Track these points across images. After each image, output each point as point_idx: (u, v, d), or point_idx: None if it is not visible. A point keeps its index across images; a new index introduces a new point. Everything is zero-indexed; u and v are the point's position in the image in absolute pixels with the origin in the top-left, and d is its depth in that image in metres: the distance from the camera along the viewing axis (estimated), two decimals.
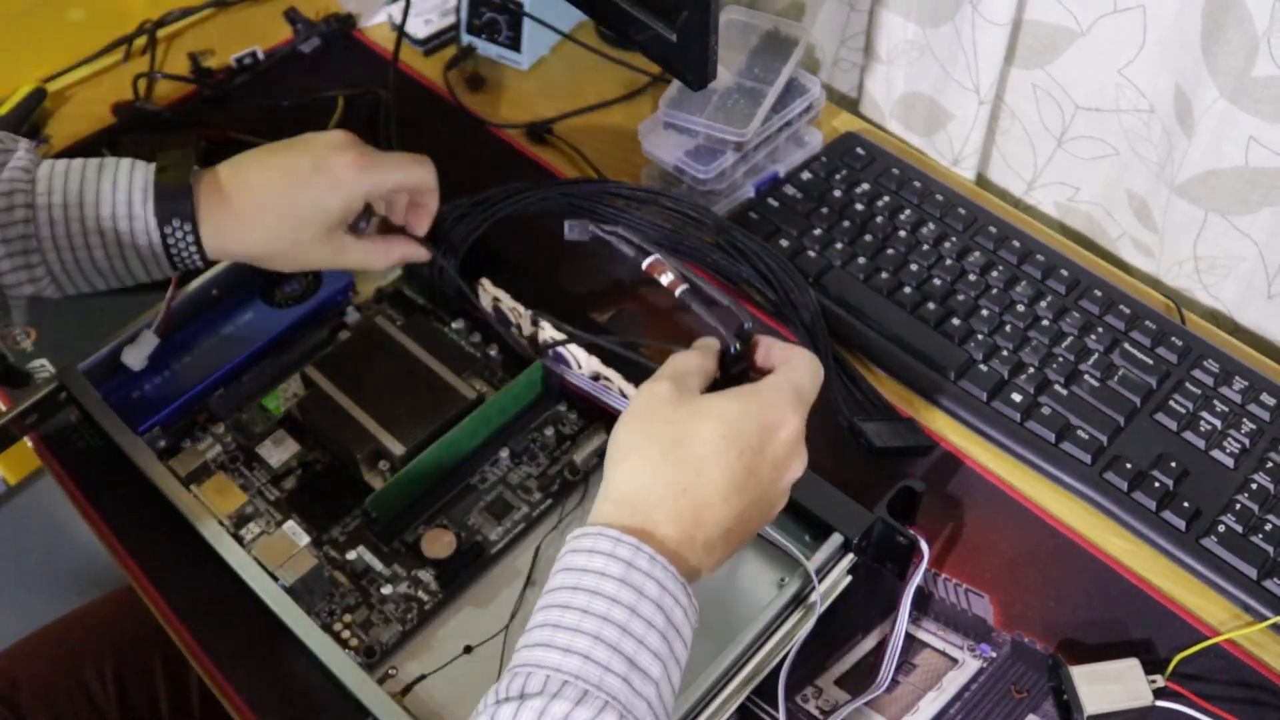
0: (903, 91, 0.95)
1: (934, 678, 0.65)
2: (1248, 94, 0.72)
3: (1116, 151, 0.85)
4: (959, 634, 0.66)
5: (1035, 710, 0.63)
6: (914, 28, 0.90)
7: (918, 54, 0.91)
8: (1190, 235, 0.82)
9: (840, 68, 1.04)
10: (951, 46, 0.87)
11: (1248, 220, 0.78)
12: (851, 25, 0.98)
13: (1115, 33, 0.80)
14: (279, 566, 0.66)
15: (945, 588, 0.68)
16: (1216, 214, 0.79)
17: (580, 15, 1.01)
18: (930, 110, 0.93)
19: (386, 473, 0.70)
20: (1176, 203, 0.81)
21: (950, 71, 0.89)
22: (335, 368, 0.74)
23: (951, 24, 0.86)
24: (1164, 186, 0.82)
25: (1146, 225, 0.86)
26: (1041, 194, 0.94)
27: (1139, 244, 0.88)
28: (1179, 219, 0.82)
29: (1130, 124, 0.83)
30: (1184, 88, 0.77)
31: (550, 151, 0.94)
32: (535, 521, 0.70)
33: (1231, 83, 0.73)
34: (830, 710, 0.63)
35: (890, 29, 0.92)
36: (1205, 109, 0.75)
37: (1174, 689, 0.63)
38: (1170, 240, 0.84)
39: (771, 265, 0.80)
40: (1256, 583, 0.67)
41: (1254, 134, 0.74)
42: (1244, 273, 0.81)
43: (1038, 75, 0.86)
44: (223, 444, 0.73)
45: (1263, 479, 0.71)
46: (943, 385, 0.76)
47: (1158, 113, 0.81)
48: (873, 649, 0.66)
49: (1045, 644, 0.66)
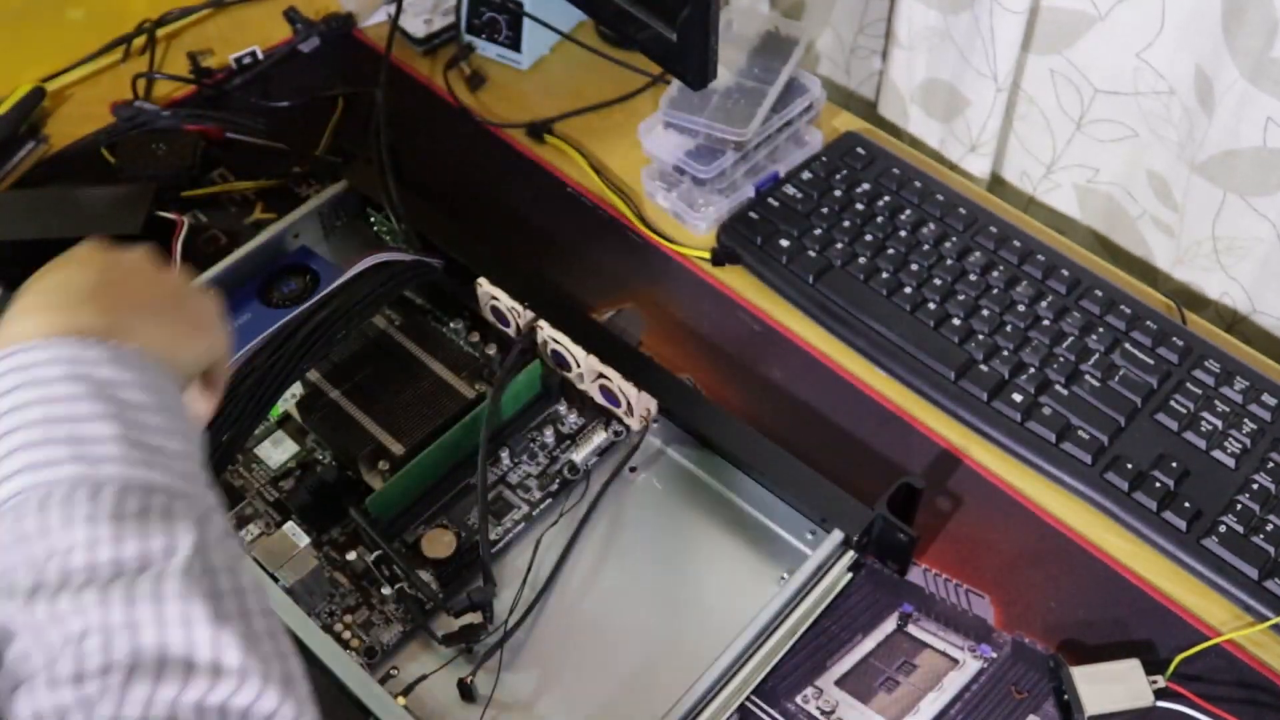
0: (924, 77, 0.95)
1: (934, 678, 0.64)
2: (1266, 74, 0.72)
3: (1136, 133, 0.86)
4: (959, 634, 0.66)
5: (1036, 711, 0.63)
6: (935, 14, 0.90)
7: (938, 40, 0.91)
8: (1209, 215, 0.82)
9: (858, 55, 1.04)
10: (970, 33, 0.87)
11: (1265, 202, 0.78)
12: (870, 12, 0.98)
13: (1134, 16, 0.80)
14: (279, 568, 0.66)
15: (945, 588, 0.68)
16: (1235, 194, 0.79)
17: (580, 15, 1.01)
18: (949, 97, 0.93)
19: (386, 473, 0.70)
20: (1196, 182, 0.81)
21: (968, 58, 0.89)
22: (334, 368, 0.74)
23: (971, 11, 0.86)
24: (1184, 166, 0.82)
25: (1167, 204, 0.86)
26: (1061, 176, 0.94)
27: (1159, 223, 0.88)
28: (1199, 198, 0.82)
29: (1150, 106, 0.83)
30: (1204, 68, 0.77)
31: (550, 151, 0.94)
32: (535, 520, 0.70)
33: (1251, 63, 0.73)
34: (830, 710, 0.63)
35: (912, 15, 0.92)
36: (1226, 89, 0.75)
37: (1175, 689, 0.63)
38: (1190, 220, 0.84)
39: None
40: (1257, 583, 0.67)
41: (1272, 115, 0.74)
42: (1261, 254, 0.81)
43: (1055, 61, 0.86)
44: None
45: (1264, 479, 0.70)
46: (943, 385, 0.76)
47: (1178, 94, 0.81)
48: (873, 649, 0.66)
49: (1046, 644, 0.66)
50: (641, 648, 0.66)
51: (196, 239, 0.87)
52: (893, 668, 0.65)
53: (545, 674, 0.65)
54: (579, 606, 0.67)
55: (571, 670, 0.65)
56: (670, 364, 0.78)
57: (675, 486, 0.72)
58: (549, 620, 0.67)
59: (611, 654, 0.65)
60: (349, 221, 0.88)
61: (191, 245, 0.83)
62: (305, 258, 0.82)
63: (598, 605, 0.67)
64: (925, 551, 0.70)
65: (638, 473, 0.73)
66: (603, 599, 0.68)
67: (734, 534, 0.70)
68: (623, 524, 0.71)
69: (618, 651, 0.66)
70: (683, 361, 0.79)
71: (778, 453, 0.69)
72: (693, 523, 0.71)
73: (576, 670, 0.65)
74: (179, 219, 0.84)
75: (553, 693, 0.64)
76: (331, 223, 0.87)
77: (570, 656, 0.65)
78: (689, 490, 0.72)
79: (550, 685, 0.64)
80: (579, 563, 0.69)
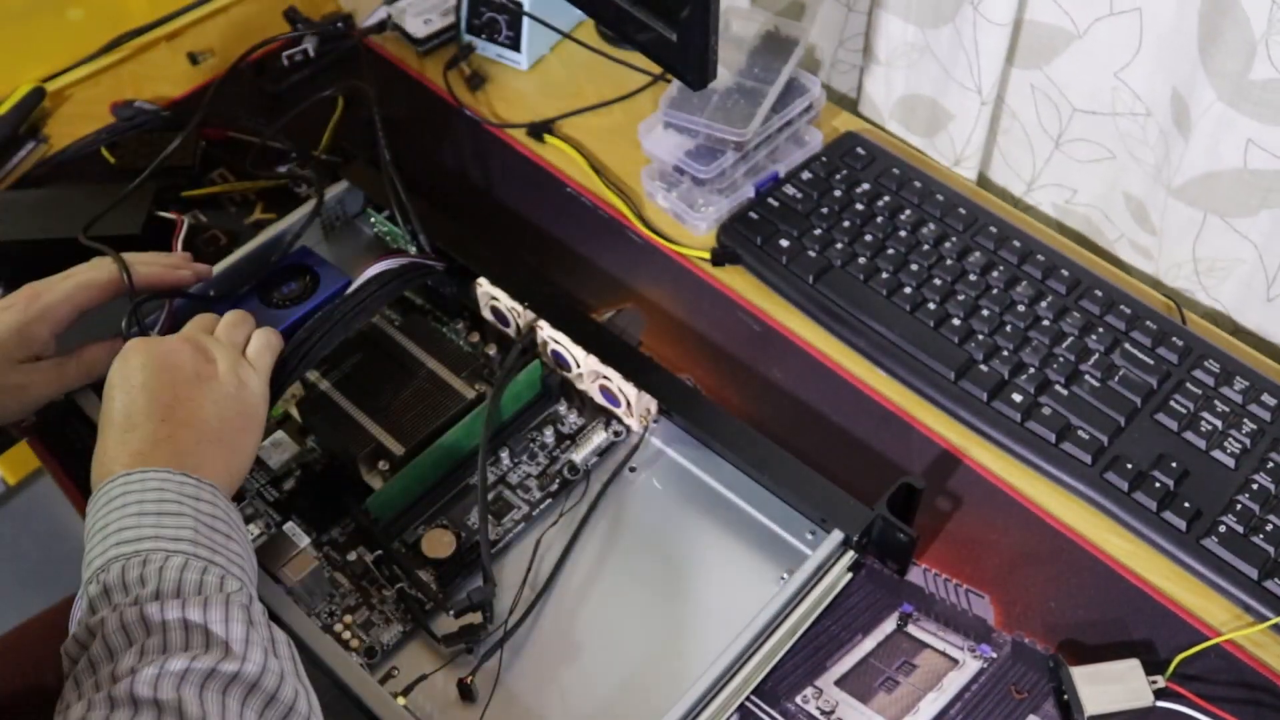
0: (902, 93, 0.95)
1: (934, 678, 0.65)
2: (1245, 96, 0.72)
3: (1113, 155, 0.85)
4: (959, 634, 0.66)
5: (1036, 711, 0.63)
6: (913, 29, 0.90)
7: (917, 55, 0.91)
8: (1189, 237, 0.82)
9: (838, 69, 1.04)
10: (953, 47, 0.87)
11: (1246, 223, 0.78)
12: (850, 27, 0.98)
13: (1111, 36, 0.80)
14: (279, 568, 0.66)
15: (945, 588, 0.68)
16: (1215, 216, 0.79)
17: (580, 15, 1.01)
18: (931, 111, 0.93)
19: (386, 473, 0.70)
20: (1175, 205, 0.81)
21: (951, 72, 0.88)
22: (334, 368, 0.74)
23: (952, 25, 0.86)
24: (1161, 189, 0.81)
25: (1145, 228, 0.85)
26: (1040, 195, 0.93)
27: (1137, 246, 0.88)
28: (1177, 221, 0.82)
29: (1126, 127, 0.83)
30: (1180, 91, 0.77)
31: (550, 151, 0.94)
32: (535, 520, 0.70)
33: (1229, 85, 0.73)
34: (830, 710, 0.63)
35: (889, 31, 0.92)
36: (1203, 112, 0.75)
37: (1175, 690, 0.63)
38: (1169, 242, 0.84)
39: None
40: (1257, 583, 0.67)
41: (1252, 136, 0.74)
42: (1243, 275, 0.81)
43: (1035, 76, 0.86)
44: None
45: (1263, 479, 0.70)
46: (943, 385, 0.76)
47: (1154, 116, 0.80)
48: (873, 649, 0.66)
49: (1046, 644, 0.66)
50: (641, 648, 0.66)
51: (196, 239, 0.87)
52: (893, 668, 0.65)
53: (545, 674, 0.65)
54: (579, 606, 0.67)
55: (571, 670, 0.65)
56: (670, 364, 0.78)
57: (675, 486, 0.72)
58: (549, 620, 0.67)
59: (611, 654, 0.65)
60: (349, 221, 0.88)
61: (191, 245, 0.83)
62: (305, 258, 0.82)
63: (598, 605, 0.67)
64: (925, 551, 0.70)
65: (638, 473, 0.73)
66: (602, 599, 0.68)
67: (734, 534, 0.70)
68: (623, 524, 0.71)
69: (618, 651, 0.66)
70: (683, 361, 0.79)
71: (778, 453, 0.69)
72: (693, 523, 0.71)
73: (576, 670, 0.65)
74: (179, 219, 0.84)
75: (553, 693, 0.64)
76: (331, 223, 0.87)
77: (570, 656, 0.65)
78: (689, 490, 0.72)
79: (550, 685, 0.64)
80: (579, 563, 0.69)
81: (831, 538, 0.66)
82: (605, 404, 0.74)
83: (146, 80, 1.00)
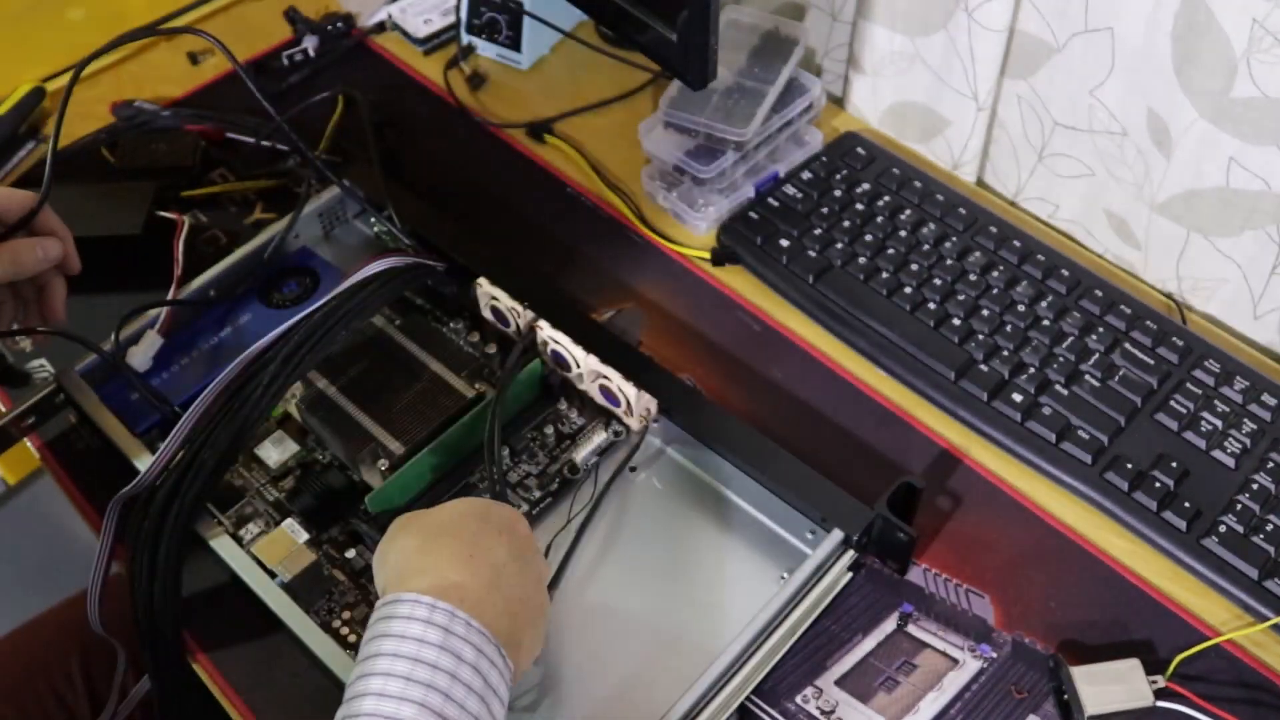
0: (891, 102, 0.94)
1: (934, 678, 0.64)
2: (1227, 115, 0.72)
3: (1092, 172, 0.85)
4: (959, 634, 0.66)
5: (1036, 711, 0.63)
6: (901, 38, 0.89)
7: (906, 64, 0.90)
8: (1173, 254, 0.81)
9: (824, 79, 1.03)
10: (947, 54, 0.86)
11: (1229, 243, 0.78)
12: (835, 36, 0.97)
13: (1087, 52, 0.79)
14: (277, 563, 0.66)
15: (945, 588, 0.68)
16: (1199, 234, 0.79)
17: (580, 15, 1.01)
18: (926, 117, 0.92)
19: (386, 472, 0.70)
20: (1159, 221, 0.80)
21: (946, 79, 0.88)
22: (334, 368, 0.73)
23: (945, 32, 0.85)
24: (1144, 206, 0.81)
25: (1129, 243, 0.85)
26: (1026, 209, 0.93)
27: (1122, 261, 0.87)
28: (1162, 237, 0.81)
29: (1104, 145, 0.82)
30: (1157, 110, 0.76)
31: (550, 151, 0.94)
32: (535, 520, 0.70)
33: (1210, 104, 0.72)
34: (830, 710, 0.63)
35: (874, 41, 0.91)
36: (1184, 130, 0.74)
37: (1175, 689, 0.63)
38: (1154, 259, 0.83)
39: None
40: (1257, 583, 0.67)
41: (1234, 155, 0.73)
42: (1228, 295, 0.81)
43: (1020, 86, 0.86)
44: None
45: (1263, 479, 0.70)
46: (943, 385, 0.76)
47: (1130, 136, 0.80)
48: (873, 649, 0.66)
49: (1046, 644, 0.66)
50: (641, 647, 0.66)
51: (196, 239, 0.87)
52: (893, 667, 0.65)
53: (545, 673, 0.65)
54: (578, 606, 0.67)
55: (572, 669, 0.65)
56: (670, 364, 0.78)
57: (675, 486, 0.72)
58: (549, 620, 0.67)
59: (611, 653, 0.65)
60: (349, 222, 0.88)
61: (191, 245, 0.83)
62: (305, 258, 0.82)
63: (597, 604, 0.67)
64: (925, 551, 0.70)
65: (638, 473, 0.73)
66: (603, 598, 0.68)
67: (734, 534, 0.70)
68: (623, 524, 0.71)
69: (618, 651, 0.66)
70: (683, 361, 0.79)
71: (778, 452, 0.69)
72: (693, 522, 0.71)
73: (577, 669, 0.65)
74: (179, 219, 0.84)
75: (553, 692, 0.64)
76: (331, 223, 0.87)
77: (570, 655, 0.65)
78: (689, 490, 0.72)
79: (550, 685, 0.64)
80: (579, 562, 0.69)
81: (831, 537, 0.66)
82: (605, 404, 0.74)
83: (146, 80, 1.00)
